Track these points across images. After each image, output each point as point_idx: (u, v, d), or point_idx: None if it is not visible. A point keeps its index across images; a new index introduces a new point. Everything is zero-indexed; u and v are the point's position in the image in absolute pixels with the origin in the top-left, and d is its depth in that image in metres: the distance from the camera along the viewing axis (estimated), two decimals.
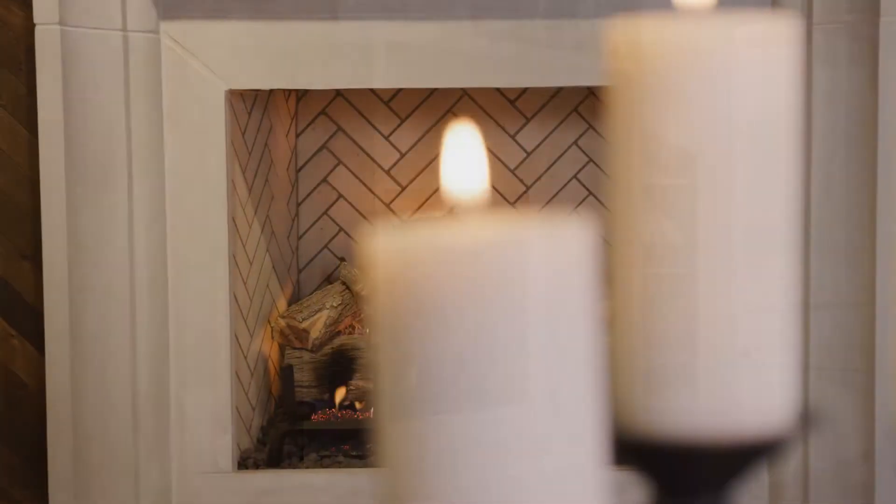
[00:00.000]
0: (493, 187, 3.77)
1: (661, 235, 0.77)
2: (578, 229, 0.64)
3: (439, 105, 3.74)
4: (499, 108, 3.74)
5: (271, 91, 3.46)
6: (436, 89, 3.68)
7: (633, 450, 0.78)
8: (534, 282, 0.64)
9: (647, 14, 0.77)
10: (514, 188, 3.77)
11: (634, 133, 0.77)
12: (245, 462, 3.29)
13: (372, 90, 3.69)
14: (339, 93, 3.72)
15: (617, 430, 0.77)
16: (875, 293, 3.08)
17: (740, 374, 0.78)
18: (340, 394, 3.43)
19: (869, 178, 3.07)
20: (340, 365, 3.43)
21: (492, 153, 3.76)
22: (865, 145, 3.06)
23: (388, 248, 0.64)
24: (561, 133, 3.74)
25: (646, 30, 0.76)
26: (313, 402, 3.46)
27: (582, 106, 3.73)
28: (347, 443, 3.40)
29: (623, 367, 0.78)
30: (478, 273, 0.63)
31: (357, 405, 3.46)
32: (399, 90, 3.71)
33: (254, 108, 3.40)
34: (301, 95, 3.73)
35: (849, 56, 3.06)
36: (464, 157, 0.66)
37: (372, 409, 0.72)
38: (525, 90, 3.71)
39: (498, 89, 3.70)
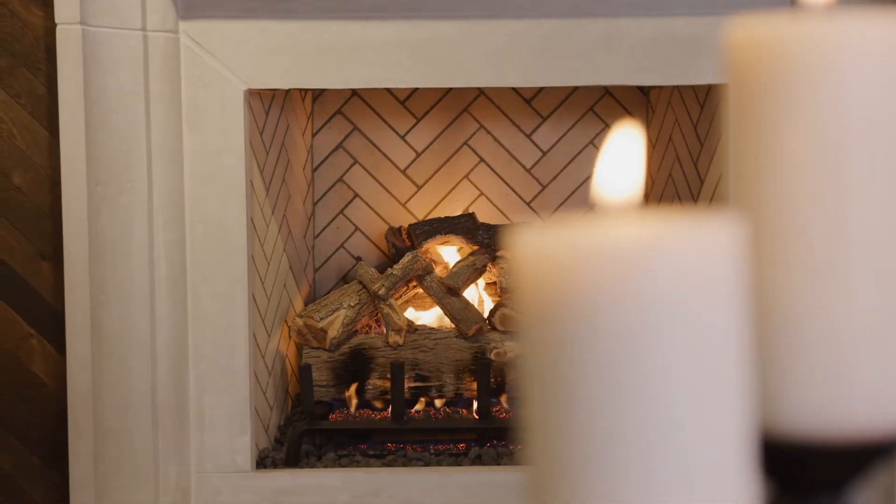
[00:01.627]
0: (510, 186, 3.78)
1: (776, 236, 0.78)
2: (728, 227, 0.65)
3: (455, 104, 3.74)
4: (515, 107, 3.75)
5: (288, 90, 3.46)
6: (451, 88, 3.68)
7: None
8: (681, 280, 0.64)
9: (765, 13, 0.77)
10: (529, 188, 3.77)
11: (755, 131, 0.77)
12: (263, 461, 3.30)
13: (387, 89, 3.69)
14: (354, 92, 3.72)
15: None
16: None
17: (860, 373, 0.78)
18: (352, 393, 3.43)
19: None
20: (358, 364, 3.43)
21: (508, 152, 3.76)
22: None
23: (536, 247, 0.65)
24: (577, 132, 3.75)
25: (767, 29, 0.77)
26: (331, 401, 3.46)
27: (598, 105, 3.73)
28: (365, 442, 3.40)
29: None
30: (626, 271, 0.64)
31: (375, 404, 3.46)
32: (415, 89, 3.71)
33: (271, 107, 3.40)
34: (317, 95, 3.73)
35: None
36: (620, 156, 0.66)
37: (517, 408, 0.72)
38: (541, 89, 3.71)
39: (514, 88, 3.71)
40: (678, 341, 0.64)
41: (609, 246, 0.63)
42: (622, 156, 0.66)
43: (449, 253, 3.68)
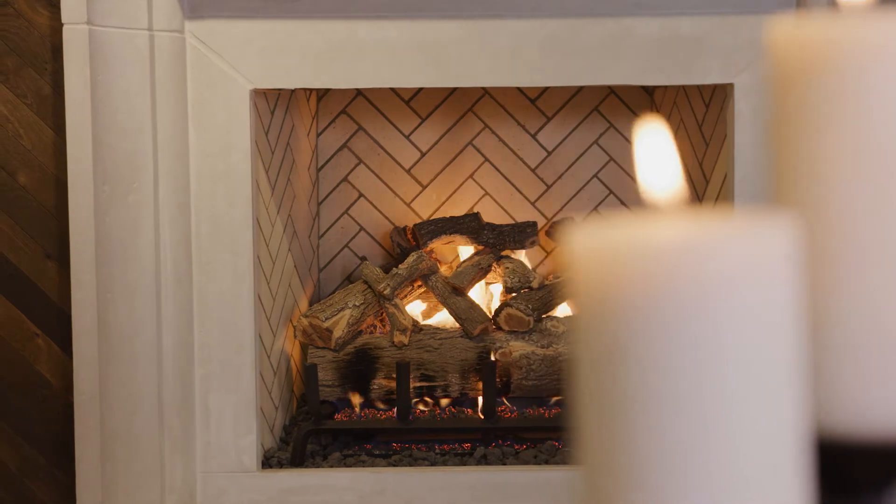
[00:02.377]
0: (515, 186, 3.78)
1: (824, 237, 0.78)
2: (784, 228, 0.65)
3: (460, 104, 3.74)
4: (520, 107, 3.75)
5: (293, 90, 3.46)
6: (456, 88, 3.68)
7: None
8: (739, 280, 0.64)
9: (810, 13, 0.77)
10: (534, 187, 3.77)
11: (800, 132, 0.77)
12: (269, 461, 3.30)
13: (392, 89, 3.69)
14: (359, 92, 3.72)
15: None
16: None
17: None
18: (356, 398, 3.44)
19: None
20: (363, 364, 3.43)
21: (512, 152, 3.76)
22: None
23: (593, 246, 0.65)
24: (582, 132, 3.75)
25: (812, 30, 0.77)
26: (335, 401, 3.46)
27: (603, 105, 3.73)
28: (370, 442, 3.40)
29: None
30: (685, 271, 0.64)
31: (379, 405, 3.46)
32: (419, 89, 3.71)
33: (276, 107, 3.40)
34: (322, 94, 3.73)
35: None
36: (656, 155, 0.66)
37: (570, 407, 0.72)
38: (546, 89, 3.72)
39: (519, 88, 3.71)
40: (735, 341, 0.64)
41: (669, 245, 0.64)
42: (659, 154, 0.66)
43: (454, 251, 3.69)
